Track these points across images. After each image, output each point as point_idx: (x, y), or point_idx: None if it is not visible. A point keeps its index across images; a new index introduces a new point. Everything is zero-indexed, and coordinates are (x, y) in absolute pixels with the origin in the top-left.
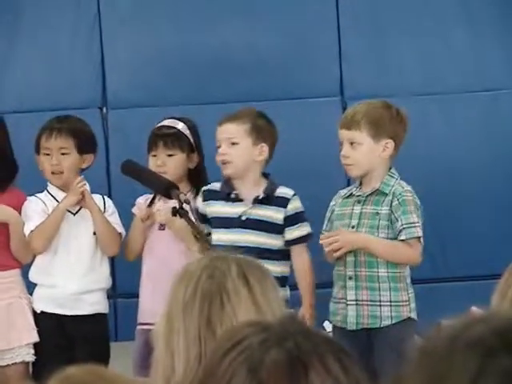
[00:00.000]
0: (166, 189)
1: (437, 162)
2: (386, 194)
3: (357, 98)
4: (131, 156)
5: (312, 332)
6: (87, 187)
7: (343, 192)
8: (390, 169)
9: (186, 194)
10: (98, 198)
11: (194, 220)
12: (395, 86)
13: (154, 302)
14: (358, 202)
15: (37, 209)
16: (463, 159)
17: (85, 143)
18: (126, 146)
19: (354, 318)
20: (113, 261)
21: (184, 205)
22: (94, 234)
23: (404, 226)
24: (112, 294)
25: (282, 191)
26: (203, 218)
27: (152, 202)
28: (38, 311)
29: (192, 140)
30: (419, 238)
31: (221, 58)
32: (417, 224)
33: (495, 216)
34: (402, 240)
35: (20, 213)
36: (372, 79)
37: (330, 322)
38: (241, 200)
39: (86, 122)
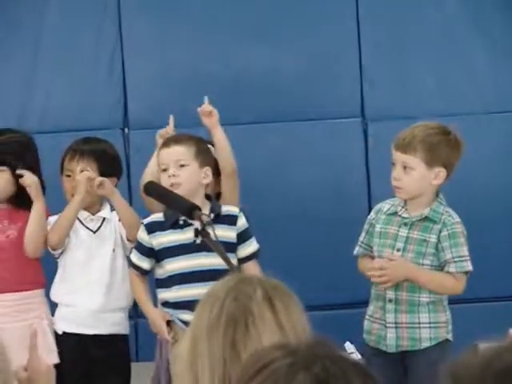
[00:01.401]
0: (188, 210)
1: (457, 183)
2: (435, 222)
3: (378, 119)
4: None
5: (339, 356)
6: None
7: (385, 207)
8: (438, 194)
9: (208, 216)
10: (115, 214)
11: (216, 242)
12: (416, 107)
13: None
14: (405, 224)
15: None
16: (483, 181)
17: (107, 166)
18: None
19: (394, 341)
20: None
21: (206, 226)
22: (114, 250)
23: (455, 259)
24: (133, 314)
25: (228, 209)
26: (150, 252)
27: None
28: (60, 332)
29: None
30: (467, 272)
31: (241, 80)
32: (467, 258)
33: None
34: (451, 272)
35: None
36: (393, 100)
37: (352, 343)
38: (190, 224)
39: (112, 144)
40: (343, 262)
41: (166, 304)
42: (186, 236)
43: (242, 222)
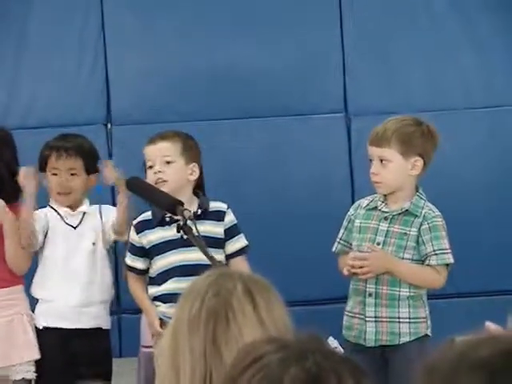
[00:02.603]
0: (171, 205)
1: (442, 178)
2: (416, 216)
3: (361, 114)
4: (136, 172)
5: (330, 351)
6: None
7: (364, 203)
8: (418, 189)
9: (190, 211)
10: (95, 207)
11: (198, 237)
12: (399, 102)
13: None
14: (385, 218)
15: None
16: (468, 175)
17: (92, 164)
18: (130, 163)
19: (373, 335)
20: (117, 276)
21: (188, 221)
22: (94, 244)
23: (436, 251)
24: (116, 309)
25: (216, 205)
26: (142, 251)
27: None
28: (41, 327)
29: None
30: (448, 265)
31: (225, 75)
32: (448, 251)
33: (499, 233)
34: (432, 265)
35: None
36: (376, 95)
37: (335, 338)
38: (177, 220)
39: (90, 139)
40: (326, 258)
41: (155, 299)
42: (173, 232)
43: (230, 218)
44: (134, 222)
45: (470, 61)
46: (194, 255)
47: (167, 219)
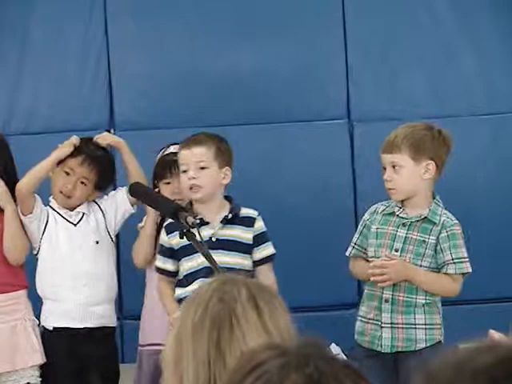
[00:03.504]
0: (173, 211)
1: (444, 184)
2: (435, 223)
3: (363, 120)
4: None
5: (332, 357)
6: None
7: (381, 208)
8: (434, 196)
9: (193, 217)
10: (96, 206)
11: (201, 243)
12: (402, 108)
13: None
14: (403, 225)
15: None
16: (471, 182)
17: (103, 182)
18: None
19: (389, 341)
20: (119, 283)
21: (191, 228)
22: (97, 242)
23: (455, 260)
24: (119, 315)
25: (247, 211)
26: (171, 252)
27: (159, 228)
28: (51, 328)
29: None
30: (465, 274)
31: (228, 81)
32: (466, 259)
33: (503, 239)
34: (449, 273)
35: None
36: (379, 102)
37: (338, 345)
38: (207, 223)
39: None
40: (329, 263)
41: (180, 301)
42: (202, 234)
43: (260, 225)
44: (165, 224)
45: (473, 67)
46: (222, 258)
47: (197, 221)
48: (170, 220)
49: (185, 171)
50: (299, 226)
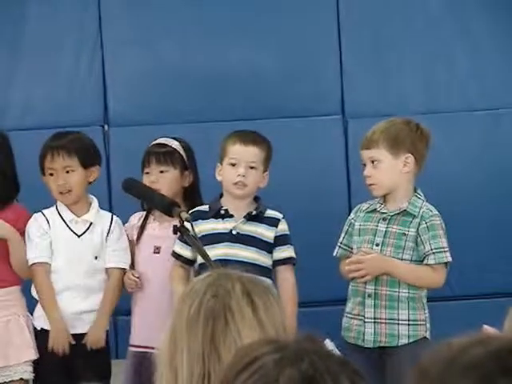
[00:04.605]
0: (167, 207)
1: (437, 180)
2: (414, 216)
3: (358, 116)
4: (132, 173)
5: (327, 352)
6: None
7: (364, 206)
8: (416, 190)
9: (187, 213)
10: (106, 216)
11: (195, 238)
12: (396, 104)
13: (146, 325)
14: (384, 219)
15: (37, 232)
16: (464, 178)
17: (88, 157)
18: (127, 164)
19: (372, 336)
20: None
21: (185, 223)
22: (96, 258)
23: (434, 250)
24: (112, 311)
25: (273, 213)
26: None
27: (145, 221)
28: (39, 328)
29: (185, 158)
30: (447, 263)
31: (222, 76)
32: (446, 249)
33: (496, 233)
34: (429, 264)
35: (19, 227)
36: (373, 98)
37: (332, 341)
38: (231, 216)
39: (85, 134)
40: (322, 260)
41: None
42: (224, 226)
43: (283, 227)
44: (191, 211)
45: (466, 63)
46: (241, 252)
47: (222, 212)
48: (196, 208)
49: (233, 165)
50: (292, 222)
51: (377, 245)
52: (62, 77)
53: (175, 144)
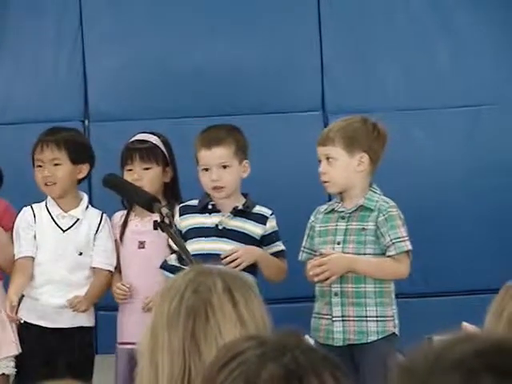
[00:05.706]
0: (148, 202)
1: (420, 177)
2: (372, 210)
3: (338, 112)
4: (113, 169)
5: (309, 347)
6: None
7: (323, 208)
8: (371, 185)
9: (168, 208)
10: (96, 213)
11: (174, 234)
12: (377, 100)
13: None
14: (342, 218)
15: (22, 225)
16: (446, 174)
17: (78, 153)
18: (107, 159)
19: (341, 334)
20: None
21: (165, 219)
22: (80, 254)
23: (393, 240)
24: (93, 306)
25: (261, 209)
26: (180, 235)
27: (127, 218)
28: (22, 321)
29: (166, 153)
30: (408, 252)
31: (202, 72)
32: (405, 238)
33: (478, 230)
34: (391, 255)
35: (5, 223)
36: (354, 94)
37: (311, 337)
38: (218, 211)
39: (80, 132)
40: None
41: None
42: (211, 220)
43: (272, 225)
44: (180, 206)
45: (447, 60)
46: (225, 246)
47: (210, 207)
48: (186, 203)
49: (206, 169)
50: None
51: (338, 243)
52: (43, 71)
53: (155, 139)
